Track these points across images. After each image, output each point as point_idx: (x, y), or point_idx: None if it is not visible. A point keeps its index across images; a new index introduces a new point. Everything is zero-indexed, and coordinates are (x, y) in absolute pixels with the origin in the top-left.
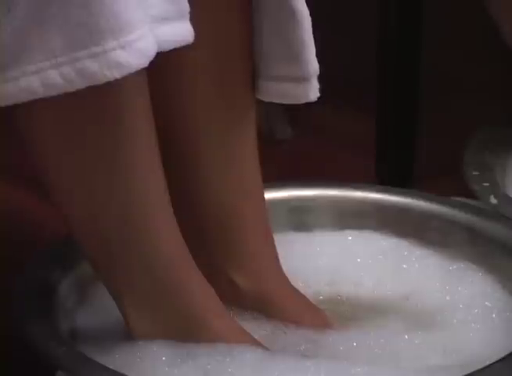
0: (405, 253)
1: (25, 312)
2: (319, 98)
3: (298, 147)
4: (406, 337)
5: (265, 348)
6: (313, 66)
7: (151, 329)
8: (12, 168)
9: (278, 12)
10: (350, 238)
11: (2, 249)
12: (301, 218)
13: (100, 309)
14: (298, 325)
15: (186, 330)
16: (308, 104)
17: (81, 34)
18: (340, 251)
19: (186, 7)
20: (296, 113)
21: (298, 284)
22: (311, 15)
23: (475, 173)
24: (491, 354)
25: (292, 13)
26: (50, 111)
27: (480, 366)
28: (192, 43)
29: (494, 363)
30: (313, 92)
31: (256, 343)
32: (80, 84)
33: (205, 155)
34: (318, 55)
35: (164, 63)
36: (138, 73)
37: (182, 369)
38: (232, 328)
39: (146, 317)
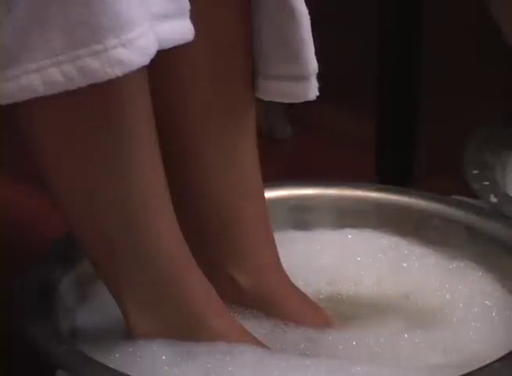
0: (405, 252)
1: (25, 311)
2: (318, 97)
3: (298, 146)
4: (406, 336)
5: (265, 347)
6: (312, 65)
7: (151, 328)
8: (14, 166)
9: (277, 12)
10: (350, 237)
11: (2, 248)
12: (301, 216)
13: (100, 307)
14: (298, 324)
15: (186, 329)
16: (308, 103)
17: (82, 32)
18: (340, 250)
19: (186, 5)
20: (296, 112)
21: (298, 283)
22: (310, 14)
23: (475, 172)
24: (491, 353)
25: (291, 13)
26: (51, 110)
27: (480, 365)
28: (192, 41)
29: (494, 361)
30: (312, 90)
31: (256, 342)
32: (81, 82)
33: (205, 154)
34: (317, 54)
35: (164, 61)
36: (139, 71)
37: (181, 368)
38: (233, 327)
39: (146, 316)
